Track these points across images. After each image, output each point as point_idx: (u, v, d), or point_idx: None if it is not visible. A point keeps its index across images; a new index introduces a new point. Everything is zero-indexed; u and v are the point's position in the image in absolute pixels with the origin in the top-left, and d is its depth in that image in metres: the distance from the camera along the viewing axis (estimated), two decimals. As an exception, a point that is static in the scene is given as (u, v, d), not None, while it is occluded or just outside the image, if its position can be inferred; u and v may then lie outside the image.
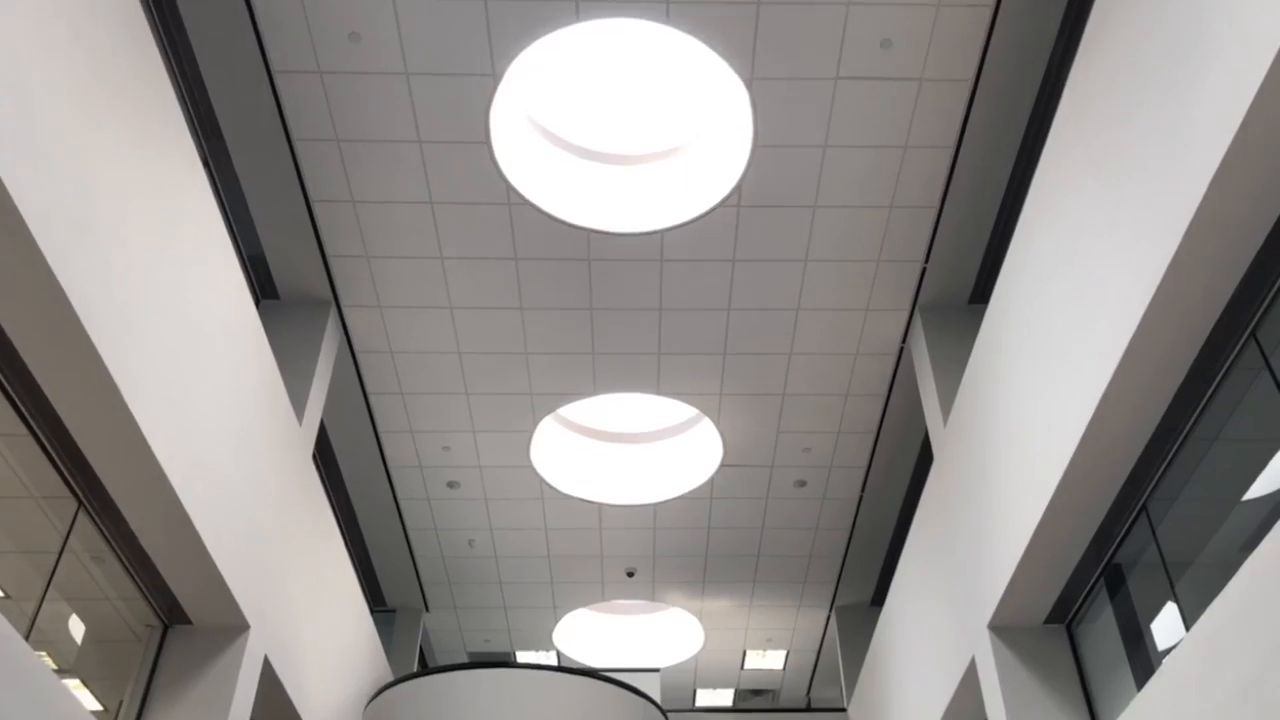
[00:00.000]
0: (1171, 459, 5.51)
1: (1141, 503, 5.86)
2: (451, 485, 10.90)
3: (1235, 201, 4.26)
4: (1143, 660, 6.10)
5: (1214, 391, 5.09)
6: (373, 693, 9.74)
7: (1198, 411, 5.22)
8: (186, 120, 6.71)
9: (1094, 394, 5.30)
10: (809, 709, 12.00)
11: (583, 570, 12.24)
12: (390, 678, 10.28)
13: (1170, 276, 4.59)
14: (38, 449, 5.32)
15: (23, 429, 5.19)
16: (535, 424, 10.14)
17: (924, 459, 10.34)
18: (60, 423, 5.24)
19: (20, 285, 4.54)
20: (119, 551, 6.12)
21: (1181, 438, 5.39)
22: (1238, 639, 4.17)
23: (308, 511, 8.21)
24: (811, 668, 14.31)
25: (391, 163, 7.74)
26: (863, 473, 10.82)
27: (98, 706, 6.64)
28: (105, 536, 5.97)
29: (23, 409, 5.13)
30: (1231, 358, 4.92)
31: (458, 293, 8.74)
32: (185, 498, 5.82)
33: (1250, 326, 4.75)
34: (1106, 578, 6.45)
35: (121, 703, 6.56)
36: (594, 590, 12.63)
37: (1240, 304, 4.72)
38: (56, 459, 5.43)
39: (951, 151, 7.72)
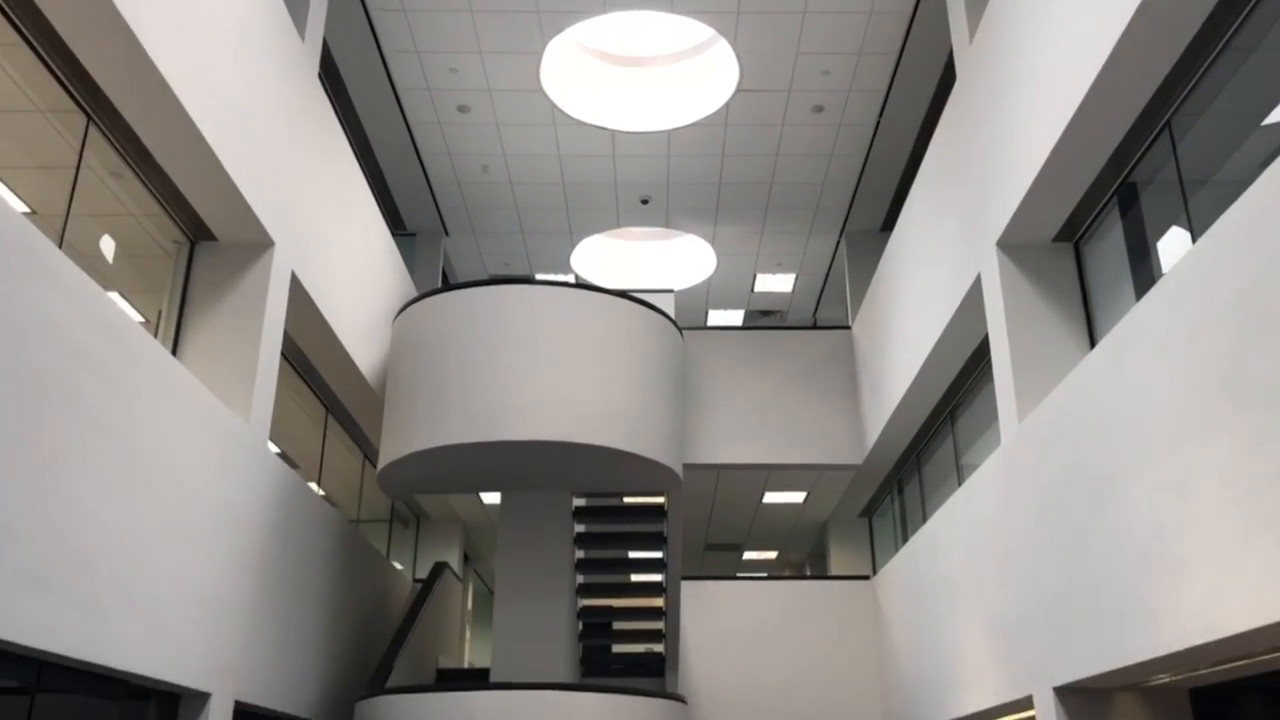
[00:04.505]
0: (1205, 71, 5.32)
1: (1166, 118, 5.74)
2: (462, 109, 10.71)
3: None
4: (1146, 277, 6.24)
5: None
6: (399, 308, 10.16)
7: (1239, 20, 4.97)
8: None
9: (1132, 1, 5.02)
10: (815, 327, 12.50)
11: (598, 197, 12.33)
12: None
13: None
14: (37, 61, 5.19)
15: (16, 37, 5.03)
16: (544, 45, 9.77)
17: (944, 84, 10.02)
18: (55, 33, 5.07)
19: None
20: (134, 167, 6.14)
21: (1219, 47, 5.17)
22: (1240, 252, 4.23)
23: (319, 131, 8.13)
24: (819, 290, 14.79)
25: None
26: (882, 96, 10.54)
27: (139, 318, 6.99)
28: (119, 151, 5.97)
29: (16, 20, 4.94)
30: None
31: (458, -105, 8.09)
32: (191, 109, 5.75)
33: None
34: (1120, 196, 6.46)
35: (160, 313, 6.88)
36: (609, 217, 12.80)
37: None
38: (57, 71, 5.30)
39: None
